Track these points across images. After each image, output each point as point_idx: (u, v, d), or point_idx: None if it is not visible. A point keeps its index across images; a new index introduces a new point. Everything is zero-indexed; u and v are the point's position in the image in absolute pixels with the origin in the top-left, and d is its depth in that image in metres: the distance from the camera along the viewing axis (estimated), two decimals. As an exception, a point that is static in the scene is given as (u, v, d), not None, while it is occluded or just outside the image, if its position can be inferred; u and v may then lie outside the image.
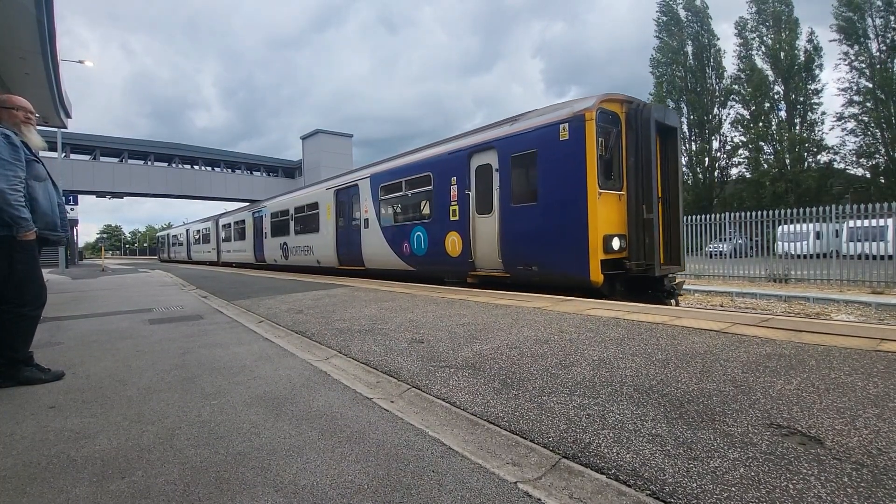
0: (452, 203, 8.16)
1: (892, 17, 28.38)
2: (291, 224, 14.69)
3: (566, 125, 6.27)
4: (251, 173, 44.97)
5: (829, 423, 1.79)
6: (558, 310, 4.63)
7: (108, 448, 1.92)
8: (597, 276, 6.00)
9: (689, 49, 36.81)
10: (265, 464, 1.74)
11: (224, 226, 22.82)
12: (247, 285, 9.67)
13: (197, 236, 28.79)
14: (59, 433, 2.09)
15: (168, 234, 39.68)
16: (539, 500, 1.45)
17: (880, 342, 2.84)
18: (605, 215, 6.12)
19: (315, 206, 13.13)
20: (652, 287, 6.88)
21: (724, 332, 3.31)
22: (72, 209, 22.76)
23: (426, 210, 9.05)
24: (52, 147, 26.61)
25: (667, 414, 1.98)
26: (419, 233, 8.95)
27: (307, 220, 13.77)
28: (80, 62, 20.03)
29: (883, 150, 29.77)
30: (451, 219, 8.17)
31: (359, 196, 10.88)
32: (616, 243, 6.21)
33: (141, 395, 2.61)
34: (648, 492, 1.44)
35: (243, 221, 19.60)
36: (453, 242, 8.11)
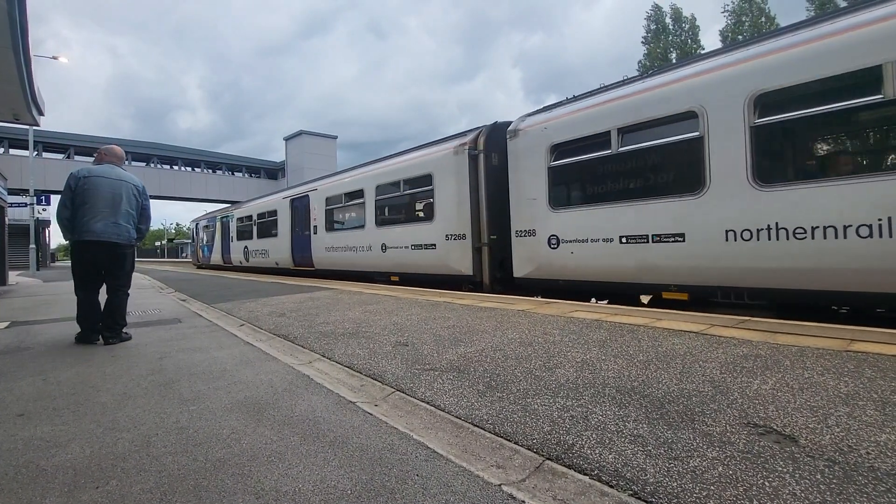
0: None
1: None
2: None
3: None
4: (232, 174, 44.22)
5: (802, 421, 1.85)
6: (542, 312, 4.67)
7: (80, 457, 1.85)
8: None
9: (674, 57, 37.70)
10: (245, 470, 1.70)
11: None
12: (228, 288, 9.49)
13: (311, 216, 12.17)
14: (28, 442, 2.01)
15: (229, 218, 18.63)
16: (523, 501, 1.45)
17: (850, 342, 2.94)
18: None
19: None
20: None
21: (703, 334, 3.38)
22: (44, 209, 22.02)
23: None
24: (24, 145, 25.76)
25: (648, 414, 2.01)
26: None
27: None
28: (55, 58, 19.45)
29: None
30: None
31: None
32: None
33: (116, 402, 2.53)
34: (630, 492, 1.45)
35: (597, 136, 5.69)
36: None
